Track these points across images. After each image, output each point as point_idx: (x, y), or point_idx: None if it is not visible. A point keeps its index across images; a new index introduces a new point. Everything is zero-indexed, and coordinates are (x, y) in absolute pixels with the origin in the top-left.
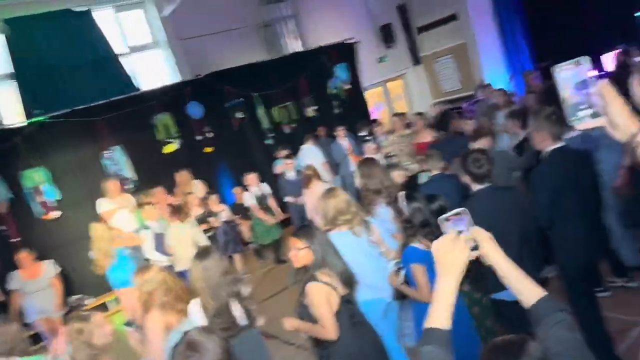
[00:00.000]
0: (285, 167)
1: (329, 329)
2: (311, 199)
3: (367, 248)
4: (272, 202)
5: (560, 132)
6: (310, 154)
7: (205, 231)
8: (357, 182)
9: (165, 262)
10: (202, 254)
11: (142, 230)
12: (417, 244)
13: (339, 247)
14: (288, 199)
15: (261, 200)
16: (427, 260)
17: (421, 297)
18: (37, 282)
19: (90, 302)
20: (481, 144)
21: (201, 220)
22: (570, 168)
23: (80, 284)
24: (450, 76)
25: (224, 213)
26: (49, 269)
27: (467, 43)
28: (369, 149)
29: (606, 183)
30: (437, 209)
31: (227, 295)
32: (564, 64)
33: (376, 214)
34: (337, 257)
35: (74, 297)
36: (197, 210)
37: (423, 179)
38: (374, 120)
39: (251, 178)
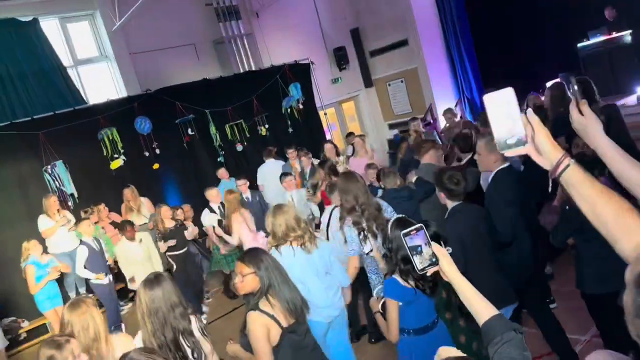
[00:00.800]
0: (241, 189)
1: (393, 335)
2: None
3: (317, 266)
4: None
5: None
6: (274, 167)
7: (173, 248)
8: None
9: (93, 279)
10: (152, 281)
11: (78, 246)
12: (398, 277)
13: (288, 262)
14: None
15: (221, 222)
16: (405, 297)
17: (388, 334)
18: None
19: (25, 325)
20: (427, 158)
21: (171, 235)
22: (518, 187)
23: (15, 306)
24: (401, 99)
25: (191, 229)
26: None
27: (418, 67)
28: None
29: None
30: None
31: (172, 332)
32: (492, 93)
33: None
34: (286, 284)
35: (7, 320)
36: (169, 223)
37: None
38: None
39: (213, 194)
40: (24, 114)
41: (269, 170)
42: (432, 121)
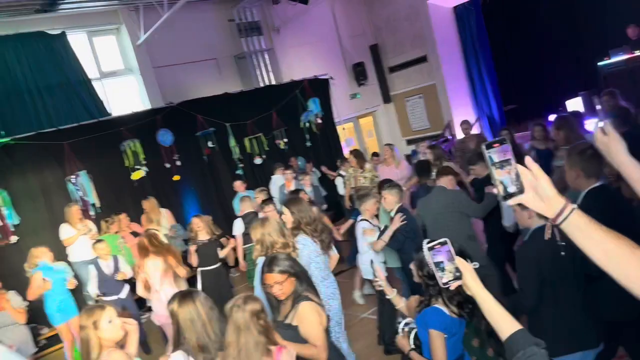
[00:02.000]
0: (258, 200)
1: (322, 348)
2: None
3: None
4: None
5: (597, 170)
6: (280, 183)
7: (204, 263)
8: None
9: (103, 299)
10: (185, 296)
11: (89, 265)
12: (442, 306)
13: None
14: None
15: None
16: (452, 329)
17: None
18: (2, 316)
19: (45, 332)
20: (444, 182)
21: (203, 250)
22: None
23: (36, 313)
24: (420, 115)
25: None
26: (15, 301)
27: (437, 84)
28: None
29: None
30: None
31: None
32: (491, 141)
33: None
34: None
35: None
36: (204, 236)
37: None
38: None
39: (245, 203)
40: (50, 125)
41: (274, 185)
42: (450, 137)
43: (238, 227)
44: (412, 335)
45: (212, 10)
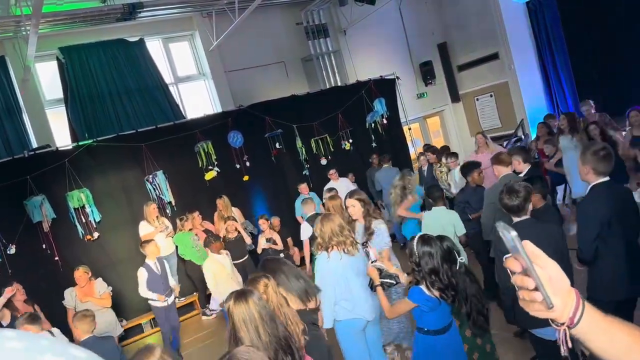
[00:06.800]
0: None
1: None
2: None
3: (359, 267)
4: None
5: (606, 169)
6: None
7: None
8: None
9: (155, 298)
10: (240, 294)
11: (140, 268)
12: (424, 288)
13: (335, 265)
14: None
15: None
16: (428, 304)
17: (387, 312)
18: (91, 303)
19: (123, 324)
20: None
21: (228, 246)
22: (615, 203)
23: (116, 305)
24: (490, 114)
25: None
26: (101, 287)
27: (509, 81)
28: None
29: None
30: (445, 249)
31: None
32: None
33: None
34: None
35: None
36: (233, 234)
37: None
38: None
39: (308, 206)
40: (129, 127)
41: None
42: (522, 137)
43: (306, 231)
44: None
45: (280, 15)
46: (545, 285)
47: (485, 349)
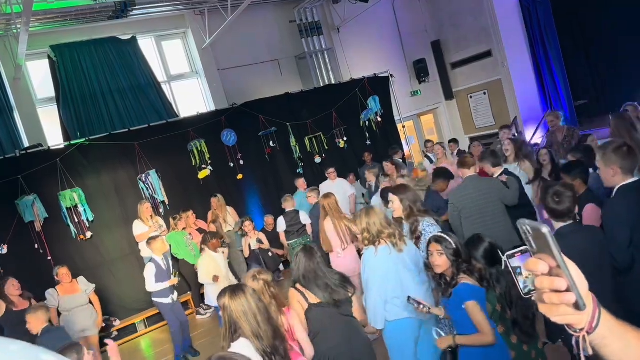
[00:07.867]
0: (310, 201)
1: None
2: None
3: (408, 262)
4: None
5: (633, 166)
6: (336, 187)
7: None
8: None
9: (167, 286)
10: (234, 289)
11: (148, 262)
12: (468, 280)
13: (384, 260)
14: None
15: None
16: (479, 296)
17: (484, 337)
18: (75, 298)
19: (117, 323)
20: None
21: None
22: None
23: (109, 305)
24: (484, 112)
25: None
26: (84, 285)
27: (502, 79)
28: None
29: None
30: (488, 248)
31: (272, 329)
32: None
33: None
34: None
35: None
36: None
37: None
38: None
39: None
40: (122, 126)
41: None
42: (516, 134)
43: (280, 224)
44: (443, 336)
45: (273, 12)
46: (579, 285)
47: (530, 355)
